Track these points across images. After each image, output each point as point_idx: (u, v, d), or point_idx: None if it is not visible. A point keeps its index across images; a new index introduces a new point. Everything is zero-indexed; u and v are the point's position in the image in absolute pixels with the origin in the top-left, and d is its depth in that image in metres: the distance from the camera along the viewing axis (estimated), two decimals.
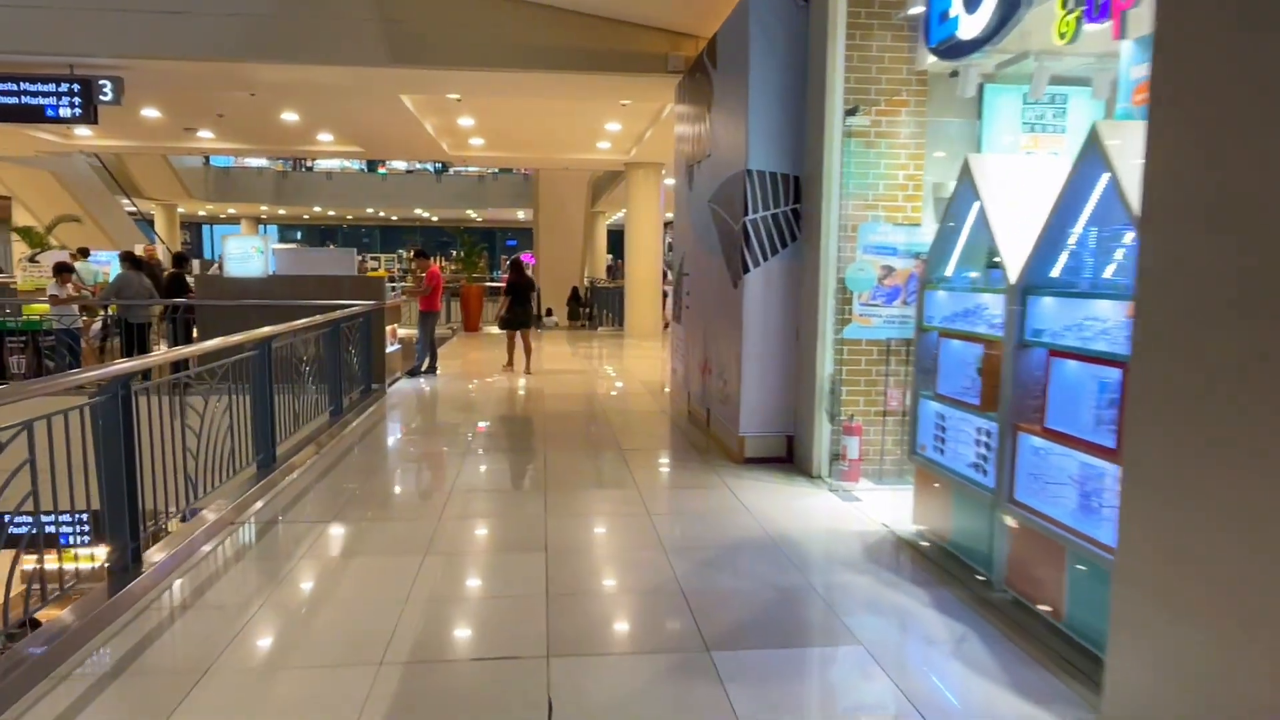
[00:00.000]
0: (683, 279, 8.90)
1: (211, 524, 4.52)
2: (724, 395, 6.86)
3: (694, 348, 8.10)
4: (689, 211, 8.44)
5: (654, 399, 9.57)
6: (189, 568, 4.09)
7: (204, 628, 3.48)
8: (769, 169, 6.21)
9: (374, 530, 4.79)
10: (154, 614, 3.58)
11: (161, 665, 3.16)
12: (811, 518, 5.07)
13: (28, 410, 3.35)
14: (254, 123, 13.91)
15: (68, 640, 3.17)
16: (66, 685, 2.96)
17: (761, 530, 4.78)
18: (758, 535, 4.70)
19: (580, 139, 15.12)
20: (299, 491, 5.53)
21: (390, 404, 9.05)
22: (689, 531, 4.79)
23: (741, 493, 5.58)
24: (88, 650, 3.22)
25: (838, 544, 4.59)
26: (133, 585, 3.66)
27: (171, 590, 3.83)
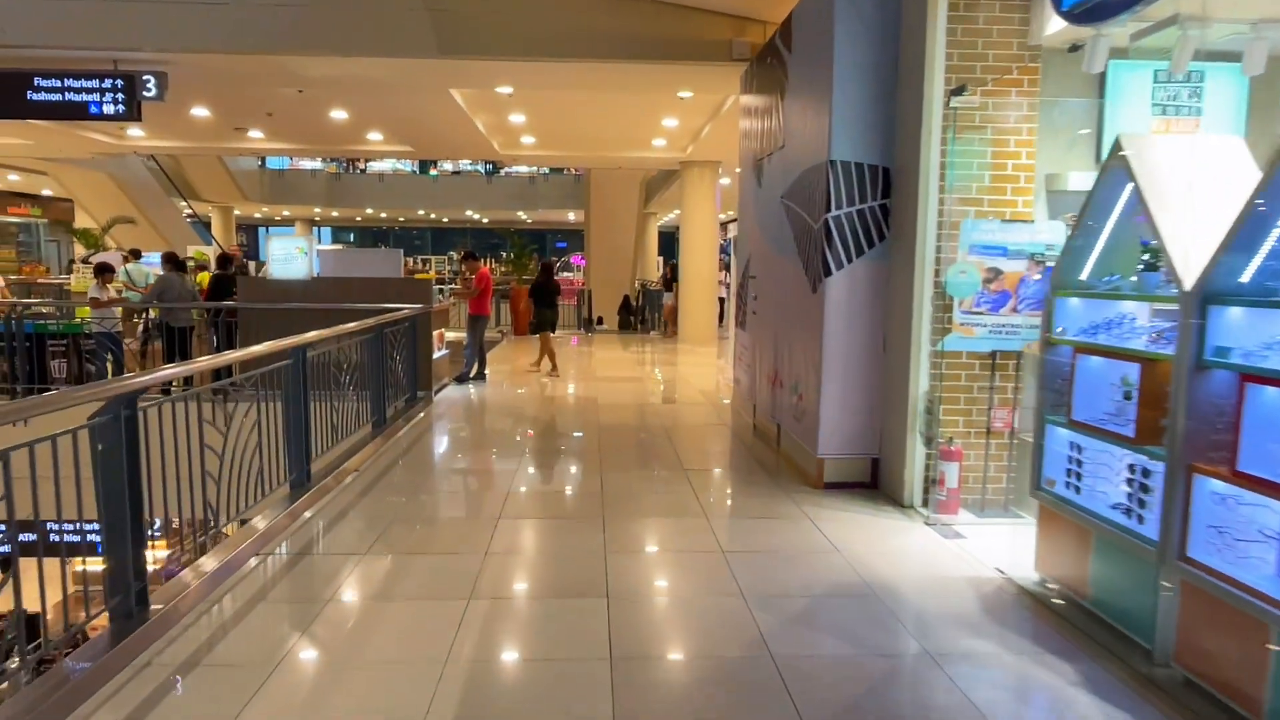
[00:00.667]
0: (748, 282, 8.26)
1: (233, 558, 4.02)
2: (799, 411, 6.20)
3: (762, 357, 7.45)
4: (756, 210, 7.79)
5: (714, 411, 8.93)
6: (201, 613, 3.59)
7: (205, 701, 2.95)
8: (855, 160, 5.54)
9: (413, 567, 4.25)
10: (150, 678, 3.06)
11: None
12: (910, 558, 4.39)
13: (26, 432, 2.91)
14: (303, 122, 13.63)
15: (48, 713, 2.67)
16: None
17: (855, 575, 4.12)
18: (852, 582, 4.04)
19: (635, 136, 14.55)
20: (334, 516, 5.03)
21: (436, 414, 8.57)
22: (771, 575, 4.15)
23: (825, 524, 4.92)
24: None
25: (948, 594, 3.91)
26: (132, 638, 3.16)
27: (177, 643, 3.32)
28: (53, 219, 28.61)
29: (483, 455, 6.92)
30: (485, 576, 4.03)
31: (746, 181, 8.39)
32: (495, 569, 4.16)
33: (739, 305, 8.84)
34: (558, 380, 10.89)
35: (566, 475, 6.20)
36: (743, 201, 8.65)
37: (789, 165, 6.58)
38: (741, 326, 8.63)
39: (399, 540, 4.62)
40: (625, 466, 6.42)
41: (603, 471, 6.17)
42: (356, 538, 4.67)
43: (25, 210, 27.64)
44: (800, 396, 6.18)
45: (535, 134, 14.61)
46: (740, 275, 8.68)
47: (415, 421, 7.99)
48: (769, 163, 7.27)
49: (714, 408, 9.14)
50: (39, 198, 27.03)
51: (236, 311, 9.01)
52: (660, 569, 4.31)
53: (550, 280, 11.58)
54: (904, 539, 4.73)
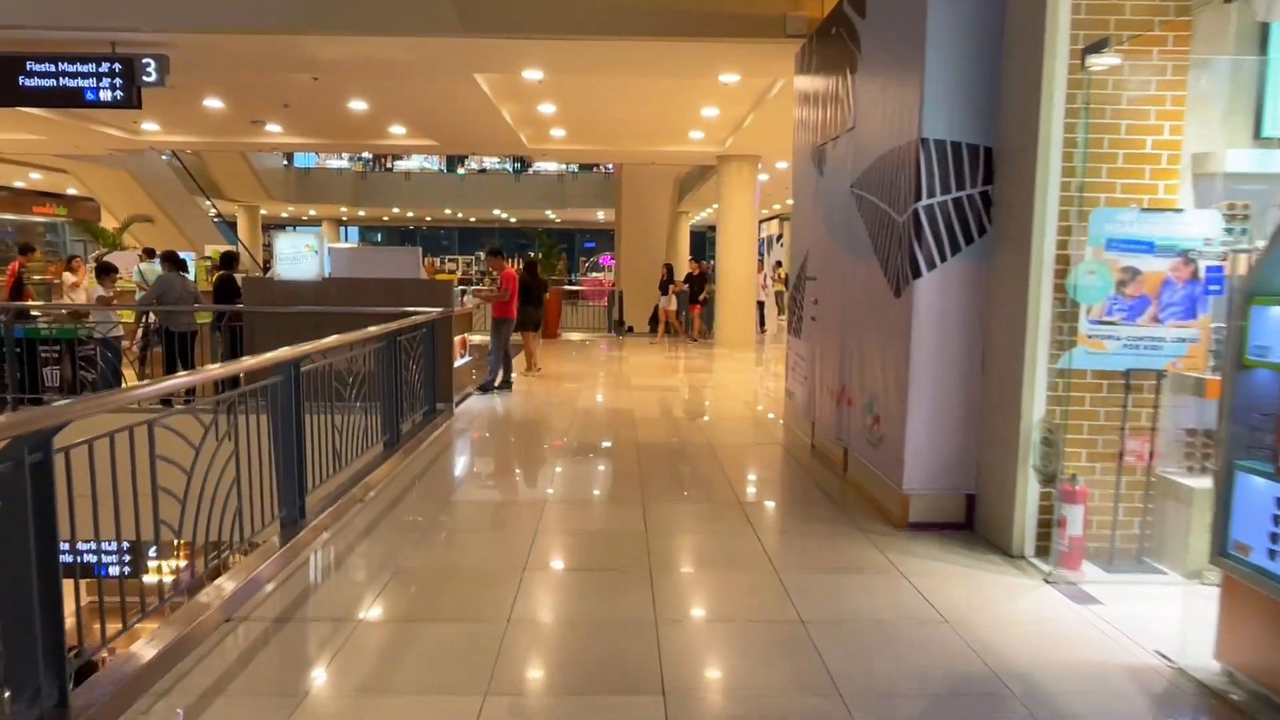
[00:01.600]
0: (803, 284, 7.36)
1: (188, 633, 3.21)
2: (874, 436, 5.29)
3: (823, 369, 6.55)
4: (816, 203, 6.89)
5: (763, 428, 8.05)
6: (138, 715, 2.78)
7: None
8: (951, 138, 4.63)
9: (415, 642, 3.41)
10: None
11: None
12: (1042, 634, 3.48)
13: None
14: (322, 113, 12.93)
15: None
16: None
17: (977, 659, 3.22)
18: (975, 671, 3.14)
19: (671, 128, 13.68)
20: (327, 566, 4.22)
21: (457, 429, 7.76)
22: (869, 659, 3.26)
23: (921, 580, 4.02)
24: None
25: (1106, 693, 3.01)
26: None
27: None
28: (78, 218, 28.36)
29: (506, 481, 6.09)
30: (506, 659, 3.19)
31: (803, 172, 7.49)
32: (519, 647, 3.31)
33: (793, 310, 7.94)
34: (580, 387, 10.07)
35: (603, 508, 5.34)
36: (798, 194, 7.76)
37: (861, 149, 5.68)
38: (795, 334, 7.73)
39: (401, 602, 3.80)
40: (670, 496, 5.56)
41: (645, 502, 5.31)
42: (350, 598, 3.85)
43: (50, 209, 27.39)
44: (877, 419, 5.28)
45: (565, 126, 13.79)
46: (795, 276, 7.78)
47: (433, 438, 7.19)
48: (833, 148, 6.37)
49: (762, 423, 8.25)
50: (64, 197, 26.77)
51: (242, 315, 8.27)
52: (729, 650, 3.43)
53: (535, 278, 11.27)
54: (1024, 603, 3.82)
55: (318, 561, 4.24)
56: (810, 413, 6.99)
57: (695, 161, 17.17)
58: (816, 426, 6.81)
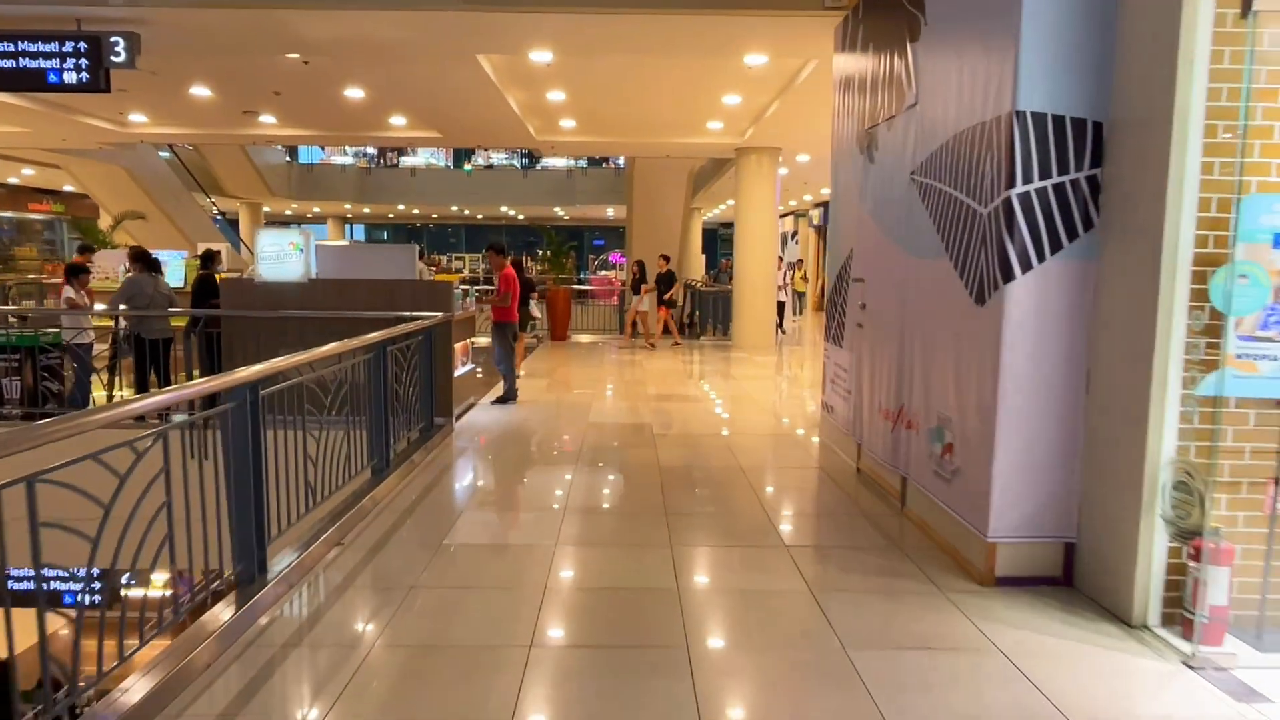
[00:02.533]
0: (846, 287, 6.52)
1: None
2: (946, 468, 4.46)
3: (874, 385, 5.72)
4: (862, 195, 6.06)
5: (797, 446, 7.22)
6: None
7: None
8: (1053, 110, 3.79)
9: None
10: None
11: None
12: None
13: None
14: (317, 103, 12.14)
15: None
16: None
17: None
18: None
19: (688, 118, 12.84)
20: (284, 642, 3.41)
21: (458, 448, 6.96)
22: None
23: (1029, 664, 3.19)
24: None
25: None
26: None
27: None
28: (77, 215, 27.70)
29: (510, 519, 5.26)
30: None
31: (845, 161, 6.65)
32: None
33: (831, 315, 7.11)
34: (591, 396, 9.26)
35: (625, 555, 4.52)
36: (839, 187, 6.92)
37: (926, 130, 4.84)
38: (835, 342, 6.90)
39: (372, 699, 2.98)
40: (702, 536, 4.74)
41: (674, 546, 4.50)
42: (309, 690, 3.04)
43: (47, 206, 26.74)
44: (949, 448, 4.44)
45: (575, 116, 12.97)
46: (834, 278, 6.94)
47: (429, 461, 6.39)
48: (887, 131, 5.54)
49: (795, 440, 7.42)
50: (61, 193, 26.10)
51: (219, 320, 7.48)
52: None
53: (521, 275, 10.95)
54: (1169, 699, 2.98)
55: (272, 638, 3.43)
56: (855, 432, 6.16)
57: (712, 154, 16.33)
58: (864, 449, 5.98)
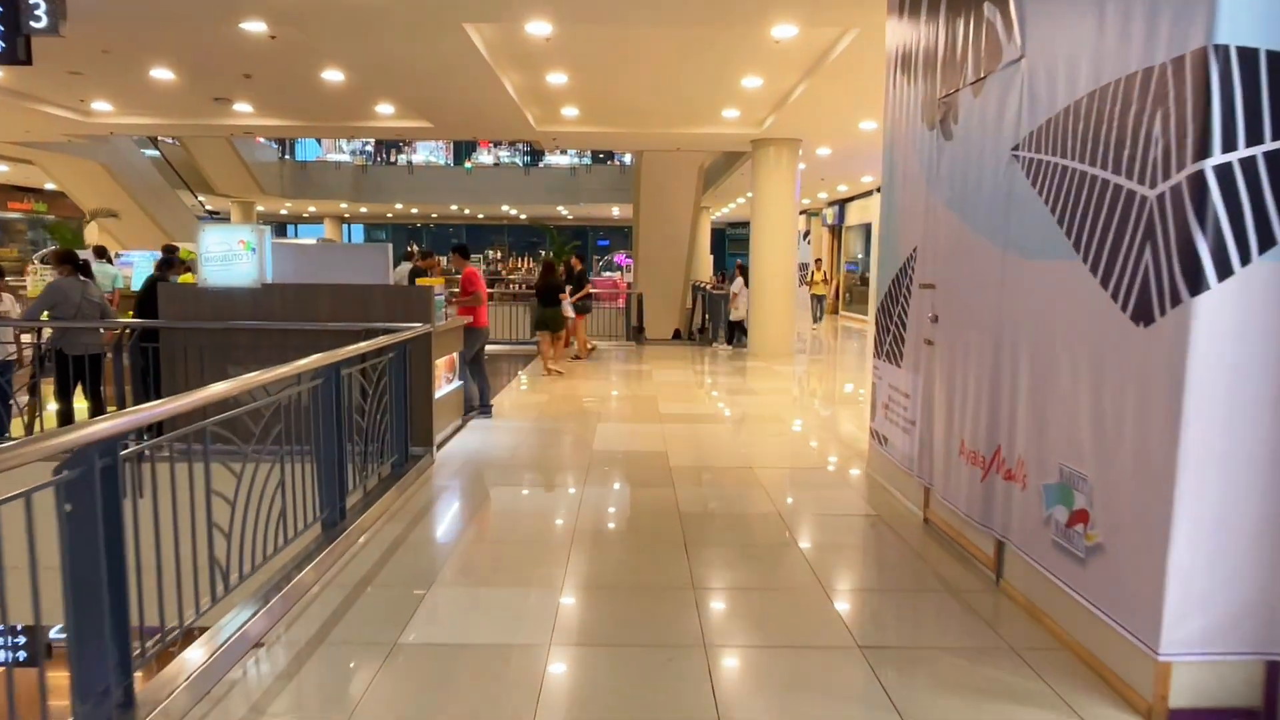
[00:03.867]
0: (908, 294, 5.36)
1: None
2: (1079, 543, 3.29)
3: (951, 417, 4.55)
4: (935, 179, 4.89)
5: (844, 484, 6.05)
6: None
7: None
8: (1267, 45, 2.63)
9: None
10: None
11: None
12: None
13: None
14: (293, 88, 11.01)
15: None
16: None
17: None
18: None
19: (703, 105, 11.68)
20: None
21: (435, 488, 5.81)
22: None
23: None
24: None
25: None
26: None
27: None
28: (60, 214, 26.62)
29: (491, 600, 4.07)
30: None
31: (905, 144, 5.48)
32: None
33: (882, 325, 5.94)
34: (596, 415, 8.10)
35: (642, 664, 3.35)
36: (896, 174, 5.74)
37: (1038, 89, 3.67)
38: (890, 359, 5.73)
39: None
40: (746, 630, 3.59)
41: (708, 647, 3.34)
42: None
43: (29, 205, 25.65)
44: (1081, 515, 3.28)
45: (578, 103, 11.83)
46: (888, 282, 5.77)
47: (398, 508, 5.23)
48: (973, 97, 4.37)
49: (839, 476, 6.25)
50: (42, 192, 25.02)
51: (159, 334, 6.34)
52: None
53: (552, 279, 11.62)
54: None
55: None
56: (920, 471, 5.00)
57: (726, 146, 15.17)
58: (935, 495, 4.81)
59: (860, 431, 7.73)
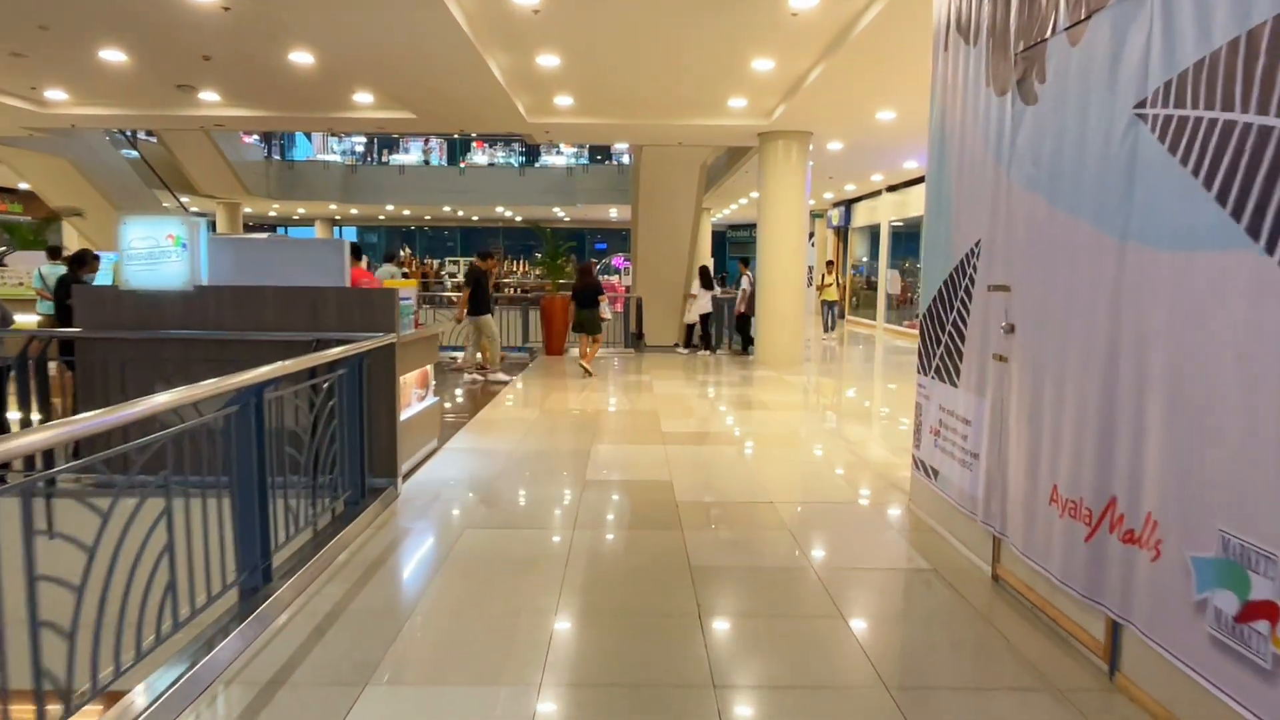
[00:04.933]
0: (966, 297, 4.41)
1: None
2: (1260, 648, 2.33)
3: (1036, 451, 3.58)
4: (1009, 154, 3.94)
5: (884, 525, 5.09)
6: None
7: None
8: None
9: None
10: None
11: None
12: None
13: None
14: (260, 73, 10.05)
15: None
16: None
17: None
18: None
19: (708, 92, 10.74)
20: None
21: (398, 529, 4.84)
22: None
23: None
24: None
25: None
26: None
27: None
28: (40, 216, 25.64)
29: (452, 703, 3.12)
30: None
31: (961, 113, 4.54)
32: None
33: (930, 335, 4.98)
34: (591, 435, 7.15)
35: None
36: (944, 152, 4.80)
37: (1185, 21, 2.73)
38: (941, 376, 4.77)
39: None
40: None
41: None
42: None
43: (4, 206, 24.65)
44: (1263, 608, 2.32)
45: (573, 90, 10.88)
46: (938, 283, 4.82)
47: (345, 561, 4.26)
48: (1068, 47, 3.41)
49: (875, 513, 5.28)
50: (17, 192, 24.02)
51: (73, 344, 5.37)
52: None
53: (590, 281, 11.86)
54: None
55: None
56: (989, 517, 4.05)
57: (732, 140, 14.22)
58: (1010, 548, 3.86)
59: (892, 455, 6.77)
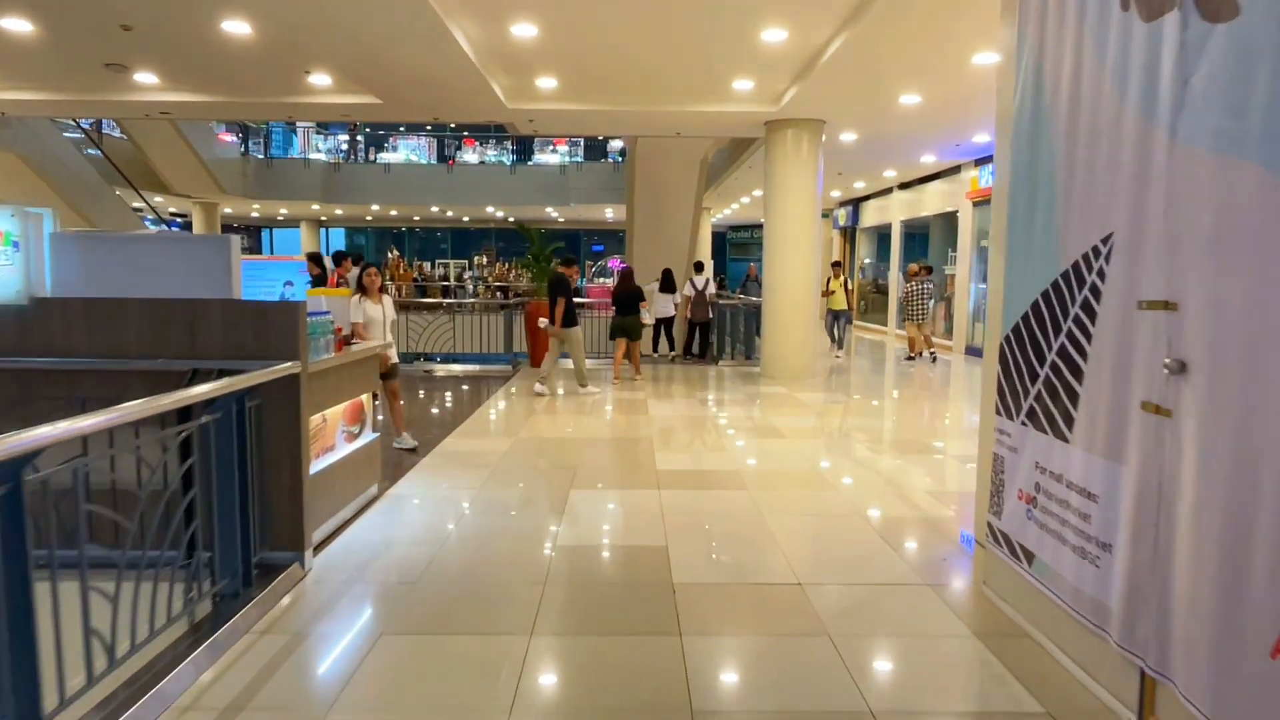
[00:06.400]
0: (1088, 318, 3.10)
1: None
2: None
3: (1233, 558, 2.26)
4: (1160, 113, 2.62)
5: (954, 623, 3.76)
6: None
7: None
8: None
9: None
10: None
11: None
12: None
13: None
14: (193, 47, 8.72)
15: None
16: None
17: None
18: None
19: (710, 71, 9.44)
20: None
21: (290, 635, 3.51)
22: None
23: None
24: None
25: None
26: None
27: None
28: None
29: None
30: None
31: (1076, 65, 3.22)
32: None
33: (1016, 368, 3.66)
34: (570, 475, 5.83)
35: None
36: (1043, 121, 3.47)
37: None
38: (1040, 424, 3.45)
39: None
40: None
41: None
42: None
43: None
44: None
45: (556, 71, 9.58)
46: (1037, 298, 3.50)
47: (189, 704, 2.93)
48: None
49: (943, 602, 3.95)
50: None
51: None
52: None
53: (631, 285, 11.56)
54: None
55: None
56: (1133, 640, 2.74)
57: (735, 130, 12.91)
58: (1181, 696, 2.54)
59: (941, 505, 5.46)
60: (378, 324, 6.58)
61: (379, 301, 6.70)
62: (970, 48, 7.92)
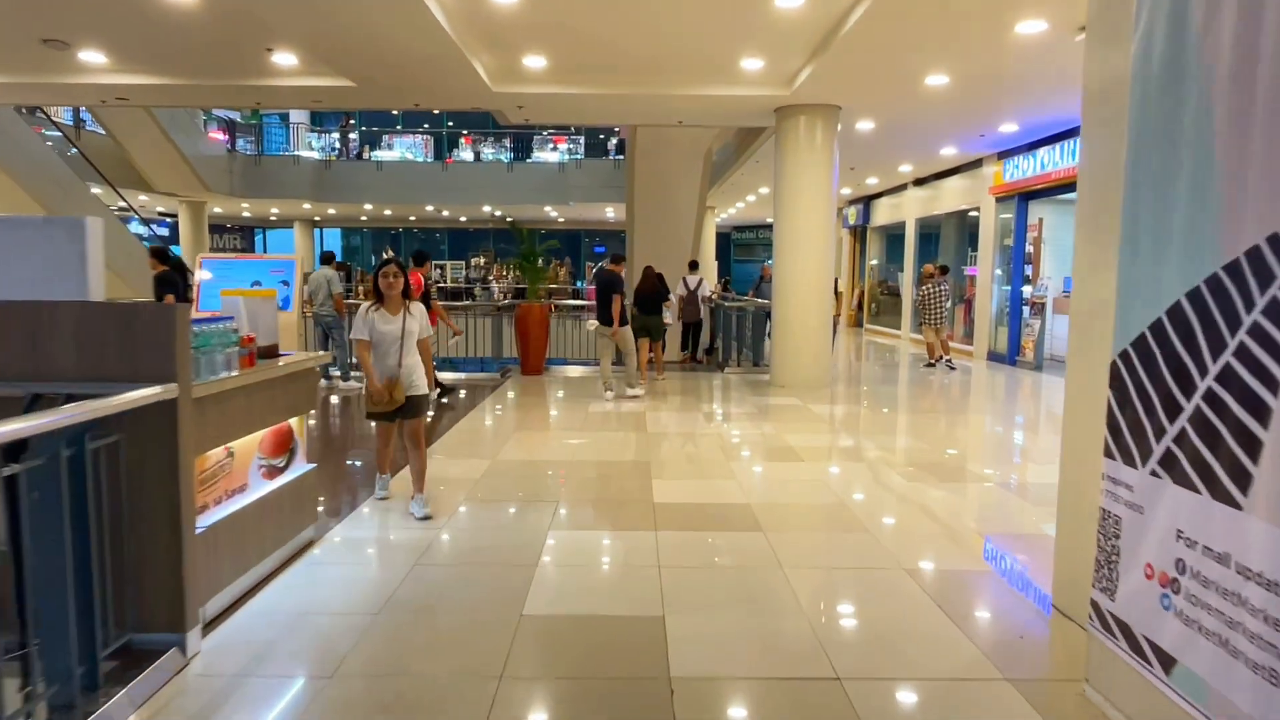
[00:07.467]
0: (1270, 336, 2.10)
1: None
2: None
3: None
4: None
5: (1028, 700, 2.77)
6: None
7: None
8: None
9: None
10: None
11: None
12: None
13: None
14: (139, 20, 7.76)
15: None
16: None
17: None
18: None
19: (716, 48, 8.46)
20: None
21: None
22: None
23: None
24: None
25: None
26: None
27: None
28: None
29: None
30: None
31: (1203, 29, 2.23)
32: None
33: (1141, 402, 2.67)
34: (549, 510, 4.85)
35: None
36: (1187, 71, 2.49)
37: None
38: (1170, 472, 2.46)
39: None
40: None
41: None
42: None
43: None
44: None
45: (546, 48, 8.61)
46: (1172, 306, 2.52)
47: None
48: None
49: (1022, 699, 2.94)
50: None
51: None
52: None
53: (652, 284, 11.02)
54: None
55: None
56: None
57: (742, 118, 11.93)
58: None
59: (1004, 552, 4.45)
60: (391, 343, 4.90)
61: (398, 313, 4.95)
62: (1016, 13, 6.92)
